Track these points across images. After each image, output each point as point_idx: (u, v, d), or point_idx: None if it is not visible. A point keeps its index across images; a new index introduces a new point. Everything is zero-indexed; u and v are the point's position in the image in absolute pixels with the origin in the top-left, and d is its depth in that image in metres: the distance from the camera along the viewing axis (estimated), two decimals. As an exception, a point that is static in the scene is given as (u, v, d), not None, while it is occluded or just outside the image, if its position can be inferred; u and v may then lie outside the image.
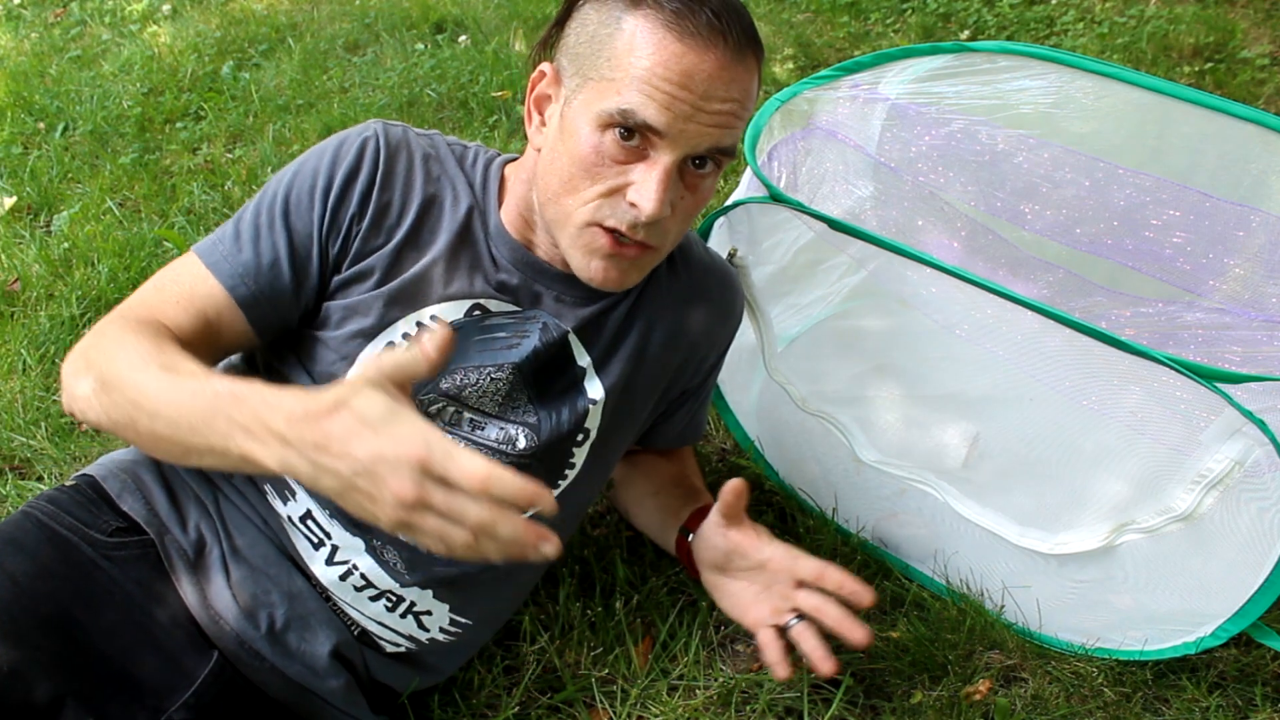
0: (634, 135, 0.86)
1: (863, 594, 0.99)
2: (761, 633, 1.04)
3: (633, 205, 0.88)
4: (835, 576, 1.01)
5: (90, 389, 0.86)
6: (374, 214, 0.95)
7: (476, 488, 0.69)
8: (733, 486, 1.03)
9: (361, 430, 0.71)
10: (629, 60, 0.85)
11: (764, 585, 1.06)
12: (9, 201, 2.25)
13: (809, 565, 1.03)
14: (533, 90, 0.95)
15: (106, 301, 1.83)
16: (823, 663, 0.99)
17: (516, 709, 1.10)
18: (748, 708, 1.10)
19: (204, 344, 0.95)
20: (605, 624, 1.18)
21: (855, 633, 0.99)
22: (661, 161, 0.87)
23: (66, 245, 2.01)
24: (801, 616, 1.03)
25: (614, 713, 1.10)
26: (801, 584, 1.03)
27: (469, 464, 0.69)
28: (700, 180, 0.92)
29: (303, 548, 0.98)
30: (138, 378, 0.82)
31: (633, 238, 0.90)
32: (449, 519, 0.71)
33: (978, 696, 1.10)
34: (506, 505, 0.71)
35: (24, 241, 2.07)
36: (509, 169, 1.03)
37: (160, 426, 0.81)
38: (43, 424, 1.54)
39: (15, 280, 1.93)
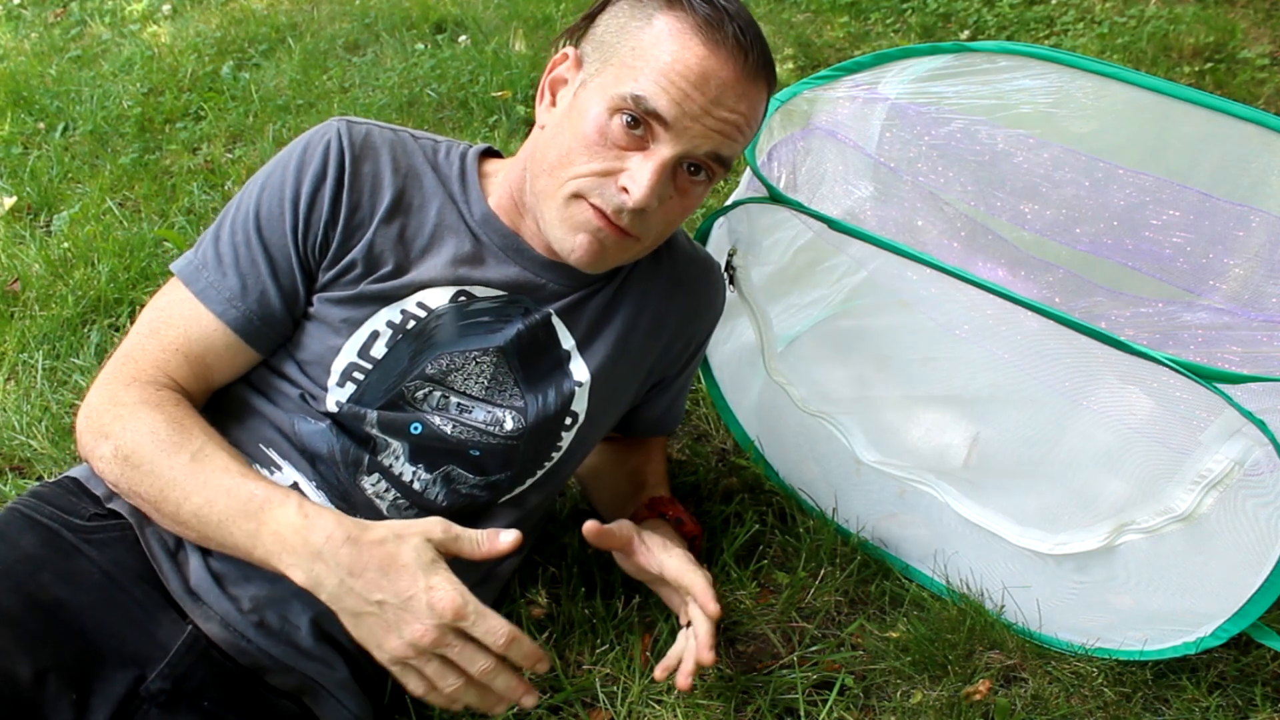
0: (640, 125, 0.90)
1: (710, 607, 0.99)
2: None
3: (623, 190, 0.91)
4: (696, 586, 1.01)
5: (110, 455, 0.91)
6: (346, 214, 0.97)
7: (501, 646, 0.81)
8: (586, 530, 1.01)
9: (403, 570, 0.81)
10: (653, 52, 0.89)
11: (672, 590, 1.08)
12: (9, 201, 2.25)
13: (672, 568, 1.04)
14: (551, 70, 0.99)
15: (106, 302, 1.83)
16: (684, 677, 0.99)
17: (516, 709, 1.10)
18: (748, 707, 1.10)
19: (207, 381, 0.99)
20: (605, 623, 1.18)
21: (704, 654, 0.98)
22: (660, 154, 0.90)
23: (66, 245, 2.01)
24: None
25: (614, 712, 1.10)
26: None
27: (497, 624, 0.81)
28: (691, 186, 0.95)
29: None
30: (167, 464, 0.88)
31: (615, 222, 0.93)
32: (451, 666, 0.82)
33: (978, 696, 1.10)
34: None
35: (24, 241, 2.07)
36: (494, 163, 1.06)
37: (185, 514, 0.88)
38: (43, 424, 1.54)
39: (15, 280, 1.93)
